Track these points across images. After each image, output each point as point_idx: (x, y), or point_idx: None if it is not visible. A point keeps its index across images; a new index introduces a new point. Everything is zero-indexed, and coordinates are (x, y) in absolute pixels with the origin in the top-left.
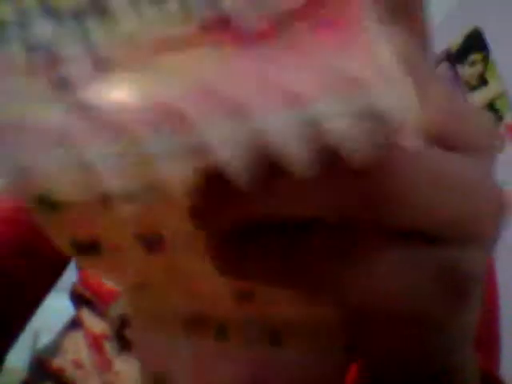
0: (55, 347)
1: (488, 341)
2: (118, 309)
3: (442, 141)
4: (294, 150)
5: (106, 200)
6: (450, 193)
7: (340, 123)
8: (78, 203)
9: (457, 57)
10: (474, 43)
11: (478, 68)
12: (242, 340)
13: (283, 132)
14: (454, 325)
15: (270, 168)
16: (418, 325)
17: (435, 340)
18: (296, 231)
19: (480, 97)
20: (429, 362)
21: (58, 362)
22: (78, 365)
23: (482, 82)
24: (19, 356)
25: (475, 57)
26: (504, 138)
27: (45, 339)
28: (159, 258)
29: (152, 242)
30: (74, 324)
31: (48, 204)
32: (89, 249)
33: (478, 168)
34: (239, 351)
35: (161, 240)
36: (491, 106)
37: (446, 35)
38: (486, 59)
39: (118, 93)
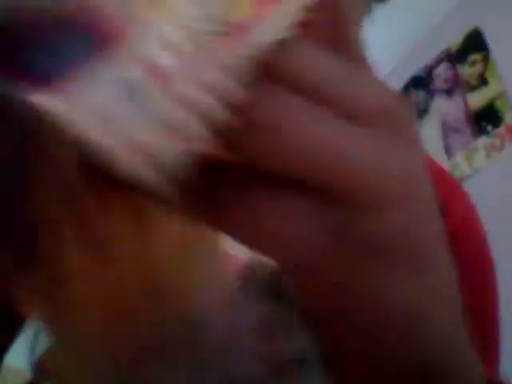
0: None
1: (487, 342)
2: None
3: (325, 102)
4: None
5: None
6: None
7: None
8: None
9: (457, 57)
10: (474, 43)
11: (478, 68)
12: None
13: None
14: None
15: None
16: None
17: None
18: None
19: (480, 97)
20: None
21: None
22: None
23: (482, 81)
24: (22, 356)
25: (475, 57)
26: (504, 137)
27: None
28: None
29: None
30: None
31: None
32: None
33: (373, 137)
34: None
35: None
36: (491, 106)
37: (446, 35)
38: (486, 59)
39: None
